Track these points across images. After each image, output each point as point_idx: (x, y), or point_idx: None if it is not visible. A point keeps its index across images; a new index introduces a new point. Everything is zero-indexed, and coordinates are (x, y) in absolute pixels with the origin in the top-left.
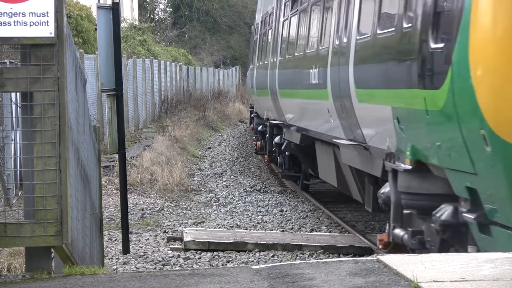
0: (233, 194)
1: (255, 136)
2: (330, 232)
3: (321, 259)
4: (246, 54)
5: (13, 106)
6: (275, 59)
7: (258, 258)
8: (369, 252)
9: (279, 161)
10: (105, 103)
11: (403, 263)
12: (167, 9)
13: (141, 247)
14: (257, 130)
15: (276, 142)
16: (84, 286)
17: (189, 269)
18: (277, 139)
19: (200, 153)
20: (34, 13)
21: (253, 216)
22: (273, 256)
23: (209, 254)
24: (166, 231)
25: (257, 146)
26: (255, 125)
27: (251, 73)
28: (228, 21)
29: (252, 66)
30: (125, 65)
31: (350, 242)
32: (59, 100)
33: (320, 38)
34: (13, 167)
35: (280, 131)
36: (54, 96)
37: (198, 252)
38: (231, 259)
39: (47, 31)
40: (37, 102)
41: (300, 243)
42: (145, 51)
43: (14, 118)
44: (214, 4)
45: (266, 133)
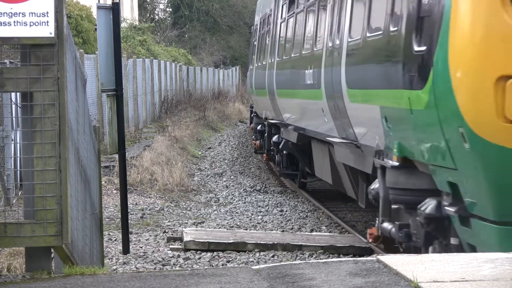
0: (233, 194)
1: (254, 136)
2: (330, 232)
3: (321, 259)
4: (246, 54)
5: (13, 106)
6: (273, 59)
7: (258, 258)
8: (369, 252)
9: (277, 160)
10: (105, 103)
11: (403, 263)
12: (167, 9)
13: (141, 247)
14: (256, 130)
15: (274, 141)
16: (84, 286)
17: (189, 269)
18: (275, 138)
19: (200, 153)
20: (34, 13)
21: (253, 216)
22: (273, 256)
23: (209, 254)
24: (166, 231)
25: (257, 145)
26: (254, 125)
27: (251, 73)
28: (228, 21)
29: (252, 67)
30: (125, 65)
31: (350, 242)
32: (59, 100)
33: (315, 40)
34: (13, 167)
35: (278, 130)
36: (54, 96)
37: (198, 252)
38: (231, 259)
39: (47, 31)
40: (37, 102)
41: (300, 243)
42: (145, 51)
43: (14, 118)
44: (214, 4)
45: (265, 133)
